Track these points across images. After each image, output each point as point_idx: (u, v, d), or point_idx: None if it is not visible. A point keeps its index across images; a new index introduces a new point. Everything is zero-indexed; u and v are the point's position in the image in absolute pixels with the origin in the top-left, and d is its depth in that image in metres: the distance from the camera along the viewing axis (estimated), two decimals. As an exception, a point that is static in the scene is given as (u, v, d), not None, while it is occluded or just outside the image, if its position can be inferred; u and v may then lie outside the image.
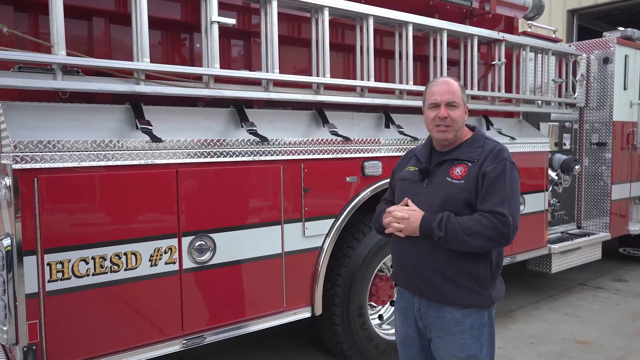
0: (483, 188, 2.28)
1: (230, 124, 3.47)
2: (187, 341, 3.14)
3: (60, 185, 2.67)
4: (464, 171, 2.33)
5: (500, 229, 2.23)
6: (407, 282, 2.49)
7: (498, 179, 2.28)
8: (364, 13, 3.90)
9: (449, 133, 2.39)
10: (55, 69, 2.72)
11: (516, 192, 2.34)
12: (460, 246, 2.26)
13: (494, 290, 2.39)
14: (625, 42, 6.74)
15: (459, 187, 2.31)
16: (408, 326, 2.51)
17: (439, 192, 2.34)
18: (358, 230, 4.03)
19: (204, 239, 3.16)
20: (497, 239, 2.25)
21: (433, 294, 2.36)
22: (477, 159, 2.35)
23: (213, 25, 3.17)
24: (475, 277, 2.32)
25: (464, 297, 2.33)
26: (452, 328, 2.35)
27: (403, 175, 2.54)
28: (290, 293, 3.59)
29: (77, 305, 2.75)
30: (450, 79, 2.47)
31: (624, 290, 6.43)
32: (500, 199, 2.25)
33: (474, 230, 2.21)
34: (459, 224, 2.23)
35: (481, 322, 2.37)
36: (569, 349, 4.63)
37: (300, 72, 4.04)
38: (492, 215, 2.23)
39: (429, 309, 2.40)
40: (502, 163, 2.31)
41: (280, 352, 4.59)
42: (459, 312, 2.34)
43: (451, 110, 2.37)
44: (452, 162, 2.39)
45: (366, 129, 4.21)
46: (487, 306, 2.38)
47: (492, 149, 2.37)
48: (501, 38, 4.99)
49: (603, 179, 6.64)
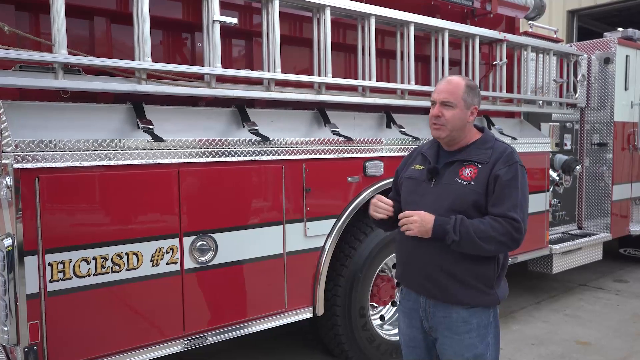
0: (495, 191, 2.27)
1: (232, 123, 3.46)
2: (188, 342, 3.13)
3: (61, 185, 2.66)
4: (474, 172, 2.31)
5: (512, 234, 2.23)
6: (413, 282, 2.47)
7: (510, 183, 2.27)
8: (365, 13, 3.89)
9: (442, 131, 2.36)
10: (57, 68, 2.71)
11: (526, 197, 2.33)
12: (472, 250, 2.25)
13: (499, 290, 2.39)
14: (626, 43, 6.74)
15: (468, 189, 2.29)
16: (413, 327, 2.50)
17: (448, 193, 2.32)
18: (360, 231, 4.02)
19: (205, 239, 3.15)
20: (508, 244, 2.25)
21: (440, 294, 2.36)
22: (487, 160, 2.32)
23: (215, 24, 3.16)
24: (482, 278, 2.33)
25: (471, 297, 2.33)
26: (459, 328, 2.34)
27: (410, 174, 2.52)
28: (292, 293, 3.58)
29: (78, 306, 2.74)
30: (456, 77, 2.44)
31: (625, 291, 6.42)
32: (512, 204, 2.25)
33: (487, 235, 2.21)
34: (473, 228, 2.21)
35: (487, 321, 2.38)
36: (570, 350, 4.63)
37: (302, 71, 4.03)
38: (504, 220, 2.22)
39: (436, 309, 2.39)
40: (514, 167, 2.29)
41: (281, 352, 4.58)
42: (466, 312, 2.34)
43: (445, 110, 2.34)
44: (461, 163, 2.36)
45: (368, 129, 4.20)
46: (492, 306, 2.39)
47: (503, 151, 2.35)
48: (502, 38, 4.99)
49: (604, 180, 6.64)
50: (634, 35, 6.97)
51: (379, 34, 4.18)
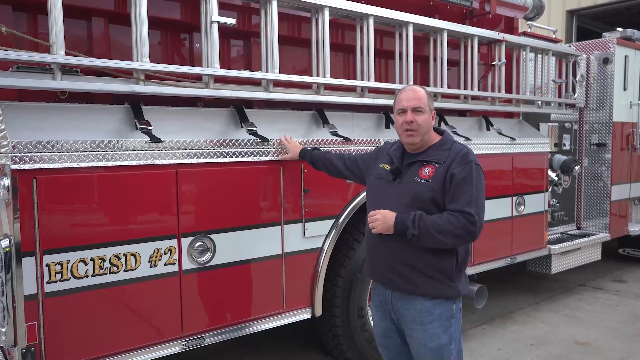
0: (451, 189, 2.46)
1: (230, 124, 3.46)
2: (186, 342, 3.12)
3: (59, 186, 2.65)
4: (432, 172, 2.52)
5: (468, 227, 2.41)
6: (379, 275, 2.69)
7: (465, 180, 2.46)
8: (364, 13, 3.89)
9: (416, 137, 2.57)
10: (54, 68, 2.70)
11: (482, 193, 2.52)
12: (431, 243, 2.44)
13: (460, 284, 2.59)
14: (625, 43, 6.74)
15: (426, 187, 2.50)
16: (386, 319, 2.72)
17: (408, 190, 2.54)
18: (358, 231, 4.02)
19: (203, 240, 3.15)
20: (464, 237, 2.44)
21: (405, 286, 2.56)
22: (444, 160, 2.53)
23: (213, 25, 3.16)
24: (443, 270, 2.52)
25: (433, 288, 2.52)
26: (423, 318, 2.53)
27: (378, 173, 2.74)
28: (290, 294, 3.58)
29: (76, 307, 2.73)
30: (417, 86, 2.69)
31: (624, 291, 6.42)
32: (467, 200, 2.43)
33: (444, 229, 2.40)
34: (431, 223, 2.41)
35: (449, 313, 2.56)
36: (568, 351, 4.63)
37: (301, 72, 4.03)
38: (460, 215, 2.41)
39: (401, 302, 2.59)
40: (468, 165, 2.49)
41: (280, 353, 4.58)
42: (429, 302, 2.53)
43: (417, 115, 2.56)
44: (421, 163, 2.58)
45: (366, 129, 4.20)
46: (454, 298, 2.58)
47: (459, 152, 2.55)
48: (501, 38, 4.99)
49: (603, 180, 6.64)
50: (633, 35, 6.97)
51: (378, 34, 4.18)
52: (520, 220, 5.20)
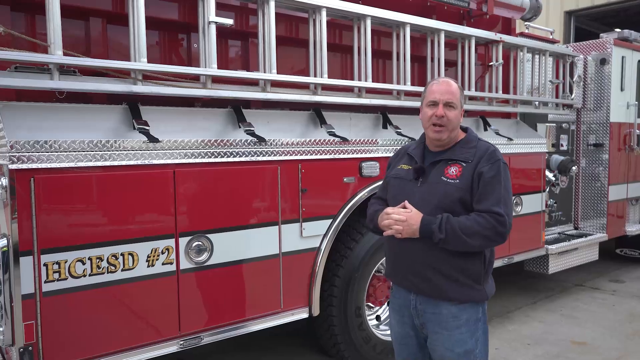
0: (479, 188, 2.33)
1: (228, 124, 3.46)
2: (184, 342, 3.13)
3: (57, 186, 2.66)
4: (459, 171, 2.38)
5: (497, 228, 2.28)
6: (402, 279, 2.52)
7: (494, 179, 2.34)
8: (361, 14, 3.90)
9: (443, 134, 2.42)
10: (52, 69, 2.71)
11: (510, 192, 2.41)
12: (459, 246, 2.30)
13: (487, 286, 2.46)
14: (622, 44, 6.75)
15: (454, 187, 2.36)
16: (404, 324, 2.54)
17: (435, 191, 2.39)
18: (355, 231, 4.03)
19: (201, 240, 3.16)
20: (494, 238, 2.31)
21: (430, 290, 2.40)
22: (471, 159, 2.40)
23: (210, 25, 3.17)
24: (470, 274, 2.38)
25: (460, 293, 2.37)
26: (449, 323, 2.39)
27: (397, 174, 2.58)
28: (288, 293, 3.59)
29: (74, 306, 2.74)
30: (451, 80, 2.50)
31: (621, 291, 6.44)
32: (496, 199, 2.31)
33: (473, 231, 2.26)
34: (458, 225, 2.27)
35: (476, 317, 2.43)
36: (565, 350, 4.64)
37: (298, 72, 4.04)
38: (489, 215, 2.28)
39: (426, 306, 2.43)
40: (497, 164, 2.37)
41: (277, 352, 4.58)
42: (455, 308, 2.38)
43: (448, 111, 2.40)
44: (446, 162, 2.43)
45: (364, 129, 4.21)
46: (481, 301, 2.44)
47: (486, 150, 2.43)
48: (498, 39, 5.00)
49: (600, 180, 6.65)
50: (630, 36, 6.98)
51: (375, 34, 4.19)
52: (518, 220, 5.20)
